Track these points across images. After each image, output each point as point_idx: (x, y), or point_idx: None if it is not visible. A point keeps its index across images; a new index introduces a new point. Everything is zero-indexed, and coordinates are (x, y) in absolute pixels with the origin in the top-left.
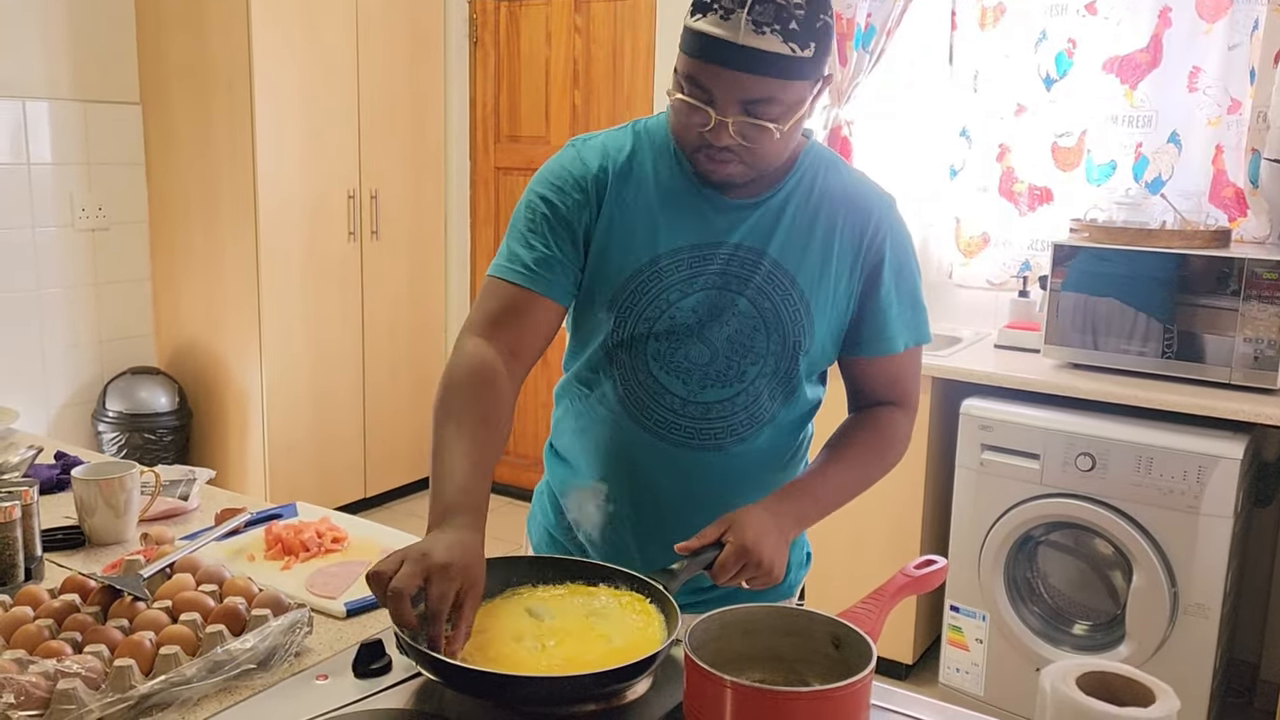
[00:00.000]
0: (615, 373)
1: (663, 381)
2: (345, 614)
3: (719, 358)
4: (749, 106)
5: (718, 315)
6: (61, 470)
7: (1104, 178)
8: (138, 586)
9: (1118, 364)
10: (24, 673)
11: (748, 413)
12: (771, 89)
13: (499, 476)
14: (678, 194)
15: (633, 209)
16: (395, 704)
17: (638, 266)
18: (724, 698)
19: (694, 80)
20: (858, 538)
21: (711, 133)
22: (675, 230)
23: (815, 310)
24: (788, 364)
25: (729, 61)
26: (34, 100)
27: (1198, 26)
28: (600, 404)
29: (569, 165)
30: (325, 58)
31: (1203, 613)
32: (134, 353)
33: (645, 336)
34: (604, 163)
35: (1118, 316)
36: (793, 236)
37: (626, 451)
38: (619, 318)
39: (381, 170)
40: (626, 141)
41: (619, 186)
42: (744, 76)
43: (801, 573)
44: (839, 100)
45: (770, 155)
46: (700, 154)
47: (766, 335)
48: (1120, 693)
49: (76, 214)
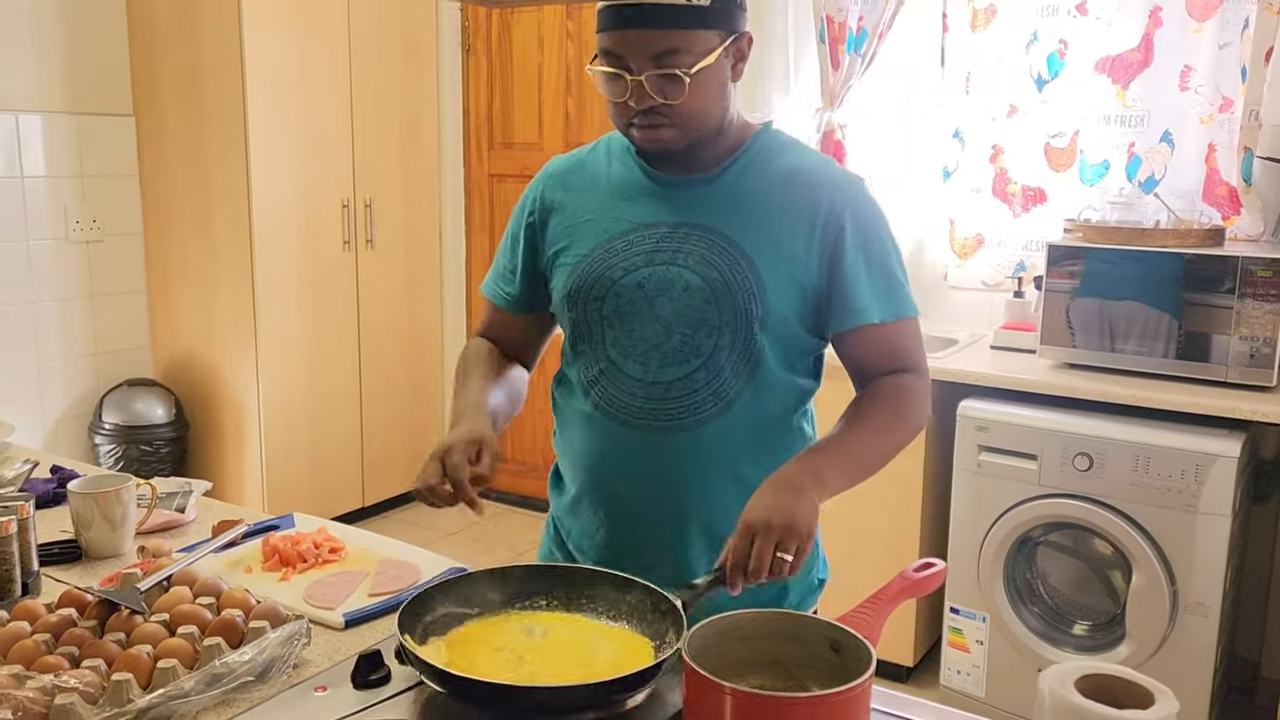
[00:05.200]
0: (581, 367)
1: (621, 366)
2: (343, 625)
3: (673, 334)
4: (658, 60)
5: (664, 290)
6: (57, 484)
7: (1097, 178)
8: (135, 600)
9: (1114, 363)
10: (21, 688)
11: (710, 389)
12: (675, 40)
13: (495, 484)
14: (627, 185)
15: (585, 207)
16: (394, 715)
17: (587, 252)
18: (724, 704)
19: (608, 51)
20: (856, 541)
21: (633, 97)
22: (622, 215)
23: (766, 279)
24: (744, 335)
25: (631, 22)
26: (27, 113)
27: (1188, 26)
28: (573, 399)
29: (534, 184)
30: (318, 67)
31: (1202, 611)
32: (130, 364)
33: (600, 320)
34: (554, 175)
35: (1113, 316)
36: (739, 210)
37: (599, 446)
38: (575, 307)
39: (376, 179)
40: (587, 151)
41: (570, 191)
42: (647, 32)
43: (812, 596)
44: (832, 104)
45: (695, 111)
46: (633, 126)
47: (717, 306)
48: (1119, 695)
49: (71, 226)
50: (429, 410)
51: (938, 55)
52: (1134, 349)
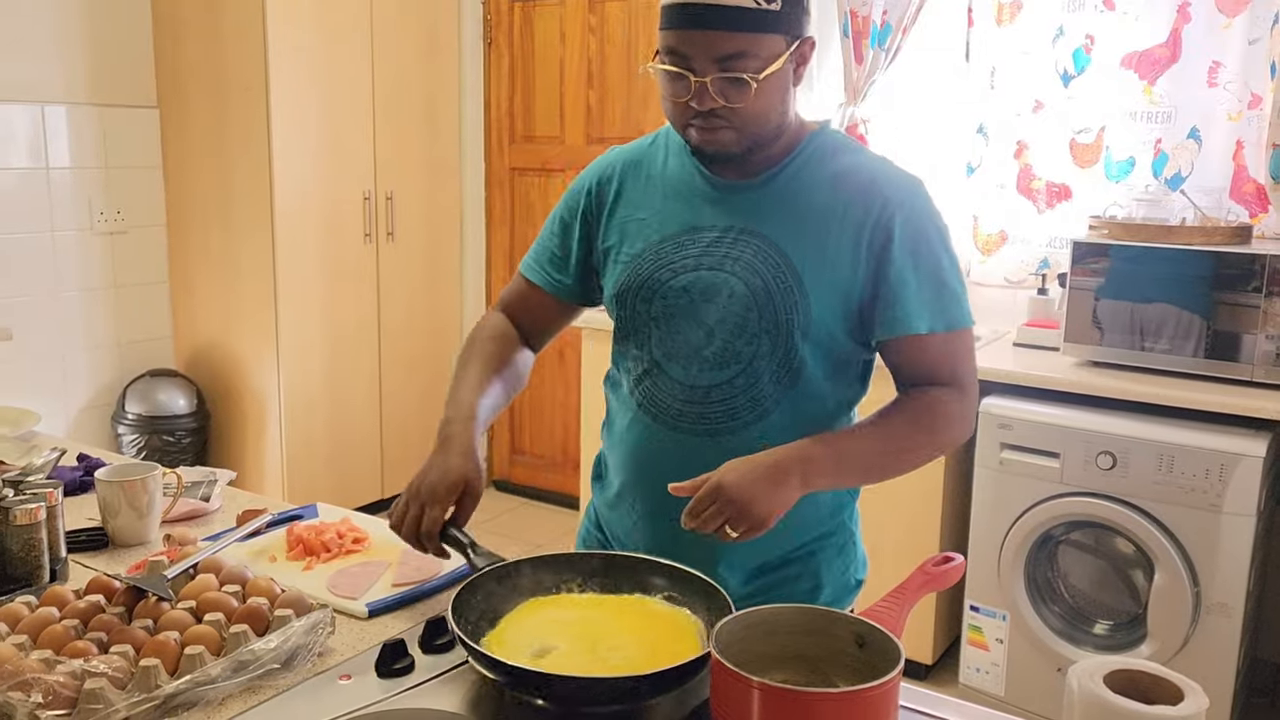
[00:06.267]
0: (628, 364)
1: (665, 367)
2: (367, 614)
3: (714, 339)
4: (724, 63)
5: (710, 296)
6: (84, 472)
7: (1123, 174)
8: (162, 587)
9: (1138, 362)
10: (51, 672)
11: (748, 396)
12: (742, 43)
13: (514, 478)
14: (682, 184)
15: (640, 204)
16: (419, 704)
17: (639, 252)
18: (751, 699)
19: (671, 50)
20: (876, 538)
21: (695, 98)
22: (675, 217)
23: (810, 287)
24: (784, 344)
25: (699, 22)
26: (52, 105)
27: (1217, 21)
28: (620, 396)
29: (591, 171)
30: (340, 60)
31: (1225, 612)
32: (153, 355)
33: (647, 321)
34: (613, 166)
35: (1138, 314)
36: (789, 216)
37: (642, 443)
38: (625, 304)
39: (397, 171)
40: (647, 143)
41: (626, 186)
42: (714, 34)
43: (850, 597)
44: (855, 99)
45: (756, 115)
46: (691, 127)
47: (759, 314)
48: (1148, 691)
49: (95, 217)
50: None
51: (962, 50)
52: (1158, 347)
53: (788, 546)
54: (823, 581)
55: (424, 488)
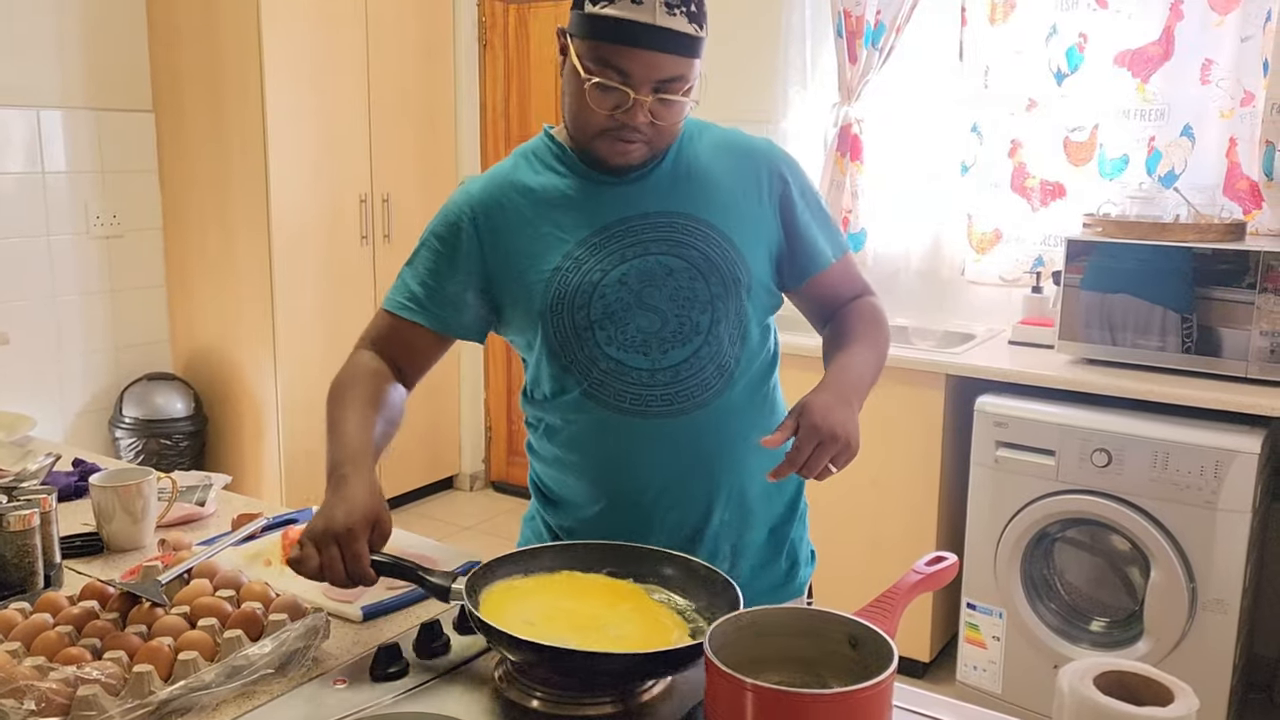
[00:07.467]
0: (575, 373)
1: (623, 360)
2: (362, 618)
3: (669, 319)
4: (661, 85)
5: (649, 280)
6: (79, 477)
7: (1116, 172)
8: (156, 592)
9: (1133, 359)
10: (44, 679)
11: (715, 363)
12: (681, 67)
13: (512, 479)
14: (570, 190)
15: (534, 221)
16: (414, 708)
17: (555, 265)
18: (745, 700)
19: (607, 62)
20: (872, 537)
21: (626, 113)
22: (579, 222)
23: (742, 246)
24: (736, 304)
25: (645, 42)
26: (48, 109)
27: (1210, 19)
28: (573, 411)
29: (458, 206)
30: (336, 63)
31: (1221, 608)
32: (150, 359)
33: (587, 326)
34: (484, 195)
35: (1132, 311)
36: (697, 190)
37: (615, 444)
38: (554, 319)
39: (393, 174)
40: (509, 165)
41: (508, 211)
42: (660, 56)
43: (808, 570)
44: (849, 98)
45: (672, 133)
46: (606, 137)
47: (706, 281)
48: (1139, 692)
49: (91, 221)
50: (445, 404)
51: (956, 49)
52: (1154, 345)
53: (770, 522)
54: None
55: (334, 527)
